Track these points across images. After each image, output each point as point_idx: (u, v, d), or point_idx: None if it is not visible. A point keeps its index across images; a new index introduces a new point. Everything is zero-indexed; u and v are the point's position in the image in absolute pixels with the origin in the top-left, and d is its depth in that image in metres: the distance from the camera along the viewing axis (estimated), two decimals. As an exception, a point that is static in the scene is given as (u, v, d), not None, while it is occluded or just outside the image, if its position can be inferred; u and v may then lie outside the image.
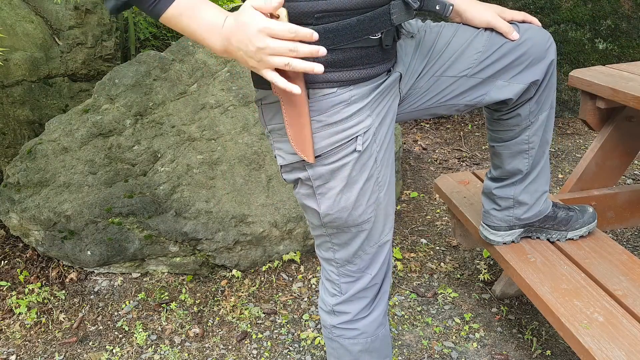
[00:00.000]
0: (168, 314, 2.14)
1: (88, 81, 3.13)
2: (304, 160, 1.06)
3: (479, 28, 1.26)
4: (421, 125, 3.91)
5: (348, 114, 1.04)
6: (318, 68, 0.90)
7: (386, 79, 1.10)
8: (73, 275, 2.36)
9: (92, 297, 2.26)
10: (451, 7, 1.11)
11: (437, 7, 1.11)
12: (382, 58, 1.06)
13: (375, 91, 1.07)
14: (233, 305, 2.18)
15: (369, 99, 1.06)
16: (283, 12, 0.90)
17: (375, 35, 1.03)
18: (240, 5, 0.93)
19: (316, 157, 1.06)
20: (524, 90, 1.31)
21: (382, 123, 1.10)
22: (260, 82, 1.06)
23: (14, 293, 2.24)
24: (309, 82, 1.01)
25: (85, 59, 3.09)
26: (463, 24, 1.27)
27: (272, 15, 0.90)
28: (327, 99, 1.02)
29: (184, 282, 2.33)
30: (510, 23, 1.27)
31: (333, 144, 1.05)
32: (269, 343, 1.99)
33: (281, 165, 1.14)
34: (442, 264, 2.38)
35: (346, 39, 0.99)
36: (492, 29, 1.25)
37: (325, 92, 1.02)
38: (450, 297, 2.17)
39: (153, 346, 1.99)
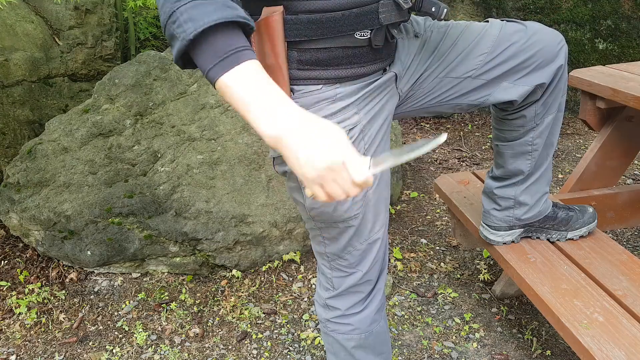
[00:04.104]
0: (168, 314, 2.14)
1: (88, 81, 3.13)
2: None
3: (485, 26, 1.24)
4: (421, 125, 3.91)
5: (332, 110, 1.03)
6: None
7: (379, 78, 1.09)
8: (73, 275, 2.36)
9: (92, 297, 2.26)
10: (445, 10, 1.10)
11: (433, 9, 1.11)
12: (372, 58, 1.05)
13: (364, 89, 1.06)
14: (233, 305, 2.18)
15: (356, 96, 1.05)
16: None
17: (363, 36, 1.01)
18: None
19: None
20: (530, 93, 1.30)
21: (373, 121, 1.09)
22: None
23: (14, 293, 2.24)
24: (293, 78, 1.01)
25: (85, 59, 3.08)
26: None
27: None
28: (311, 95, 1.02)
29: (184, 282, 2.33)
30: (519, 23, 1.26)
31: None
32: (269, 343, 1.98)
33: (273, 158, 1.15)
34: (442, 264, 2.38)
35: (330, 32, 0.98)
36: (502, 27, 1.23)
37: (309, 89, 1.02)
38: (450, 297, 2.17)
39: (153, 346, 1.99)
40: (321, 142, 0.78)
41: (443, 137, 0.84)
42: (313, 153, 0.78)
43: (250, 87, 0.78)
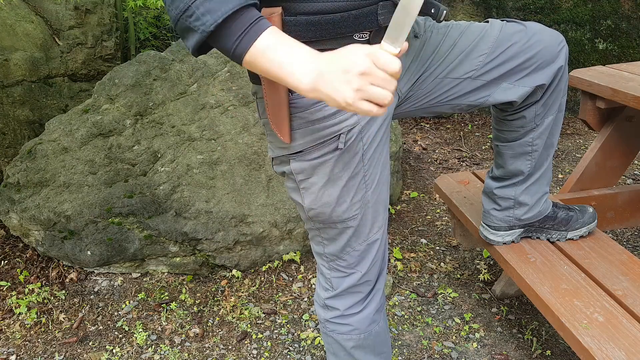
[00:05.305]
0: (168, 314, 2.14)
1: (88, 81, 3.13)
2: (288, 154, 1.08)
3: (485, 27, 1.24)
4: (421, 125, 3.91)
5: (330, 111, 1.03)
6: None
7: None
8: (73, 275, 2.36)
9: (92, 297, 2.26)
10: (445, 12, 1.11)
11: (432, 11, 1.11)
12: None
13: None
14: (233, 305, 2.18)
15: None
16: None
17: (362, 37, 1.01)
18: None
19: (299, 152, 1.07)
20: (530, 93, 1.31)
21: (372, 122, 1.09)
22: (255, 78, 1.07)
23: (14, 293, 2.24)
24: None
25: (85, 59, 3.09)
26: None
27: None
28: None
29: (184, 282, 2.33)
30: (519, 23, 1.26)
31: (314, 140, 1.05)
32: (269, 343, 1.99)
33: (272, 158, 1.15)
34: (442, 264, 2.38)
35: (329, 34, 0.98)
36: (502, 27, 1.23)
37: None
38: (450, 297, 2.17)
39: (153, 346, 1.99)
40: (342, 66, 0.82)
41: None
42: (341, 78, 0.82)
43: (277, 50, 0.84)
